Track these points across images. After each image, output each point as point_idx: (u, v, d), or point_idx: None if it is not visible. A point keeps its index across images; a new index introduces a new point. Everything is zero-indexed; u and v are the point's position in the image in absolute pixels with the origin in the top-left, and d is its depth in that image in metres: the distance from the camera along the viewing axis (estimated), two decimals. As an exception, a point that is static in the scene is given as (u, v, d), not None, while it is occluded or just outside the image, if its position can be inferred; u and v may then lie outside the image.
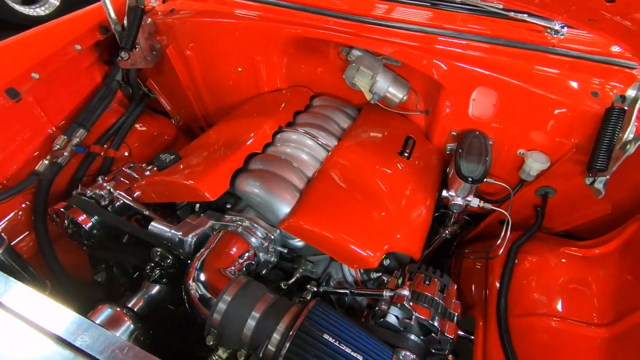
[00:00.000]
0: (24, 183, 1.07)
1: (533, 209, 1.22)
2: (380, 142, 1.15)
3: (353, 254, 0.82)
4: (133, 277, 1.21)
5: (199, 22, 1.38)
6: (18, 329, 0.57)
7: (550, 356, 0.82)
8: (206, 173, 0.93)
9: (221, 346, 0.71)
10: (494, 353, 0.91)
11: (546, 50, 1.08)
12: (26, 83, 1.10)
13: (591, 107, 0.99)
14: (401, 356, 0.70)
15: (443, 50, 1.09)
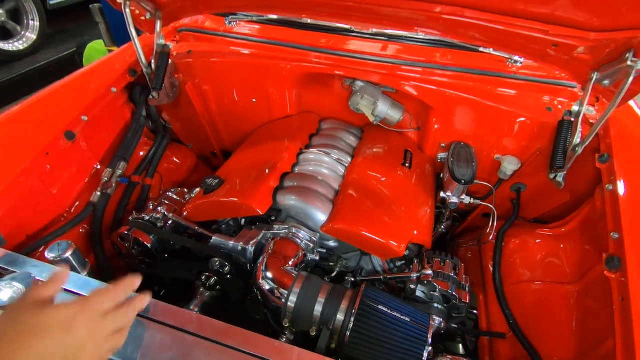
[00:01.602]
0: (83, 213, 1.21)
1: (510, 202, 1.50)
2: (386, 156, 1.39)
3: (384, 246, 1.04)
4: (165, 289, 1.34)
5: (216, 62, 1.58)
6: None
7: (538, 310, 1.07)
8: (254, 192, 1.13)
9: (295, 326, 0.91)
10: (495, 317, 1.16)
11: (509, 77, 1.38)
12: (79, 125, 1.25)
13: (547, 119, 1.29)
14: (432, 319, 0.92)
15: (432, 80, 1.36)
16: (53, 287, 0.59)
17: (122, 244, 1.18)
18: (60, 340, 0.51)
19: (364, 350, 0.84)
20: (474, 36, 1.15)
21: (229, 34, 1.64)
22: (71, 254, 0.95)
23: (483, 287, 1.28)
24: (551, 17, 0.97)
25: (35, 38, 3.85)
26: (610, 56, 1.02)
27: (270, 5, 1.36)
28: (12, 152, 1.08)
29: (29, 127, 1.16)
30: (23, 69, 3.61)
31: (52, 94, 1.27)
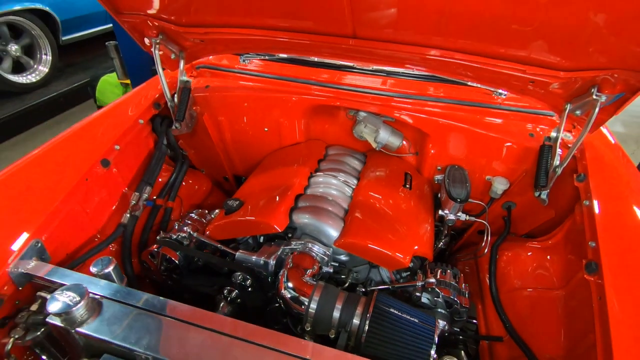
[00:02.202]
0: (115, 233, 1.33)
1: (502, 219, 1.64)
2: (389, 178, 1.54)
3: (391, 258, 1.17)
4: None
5: (231, 95, 1.75)
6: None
7: (531, 314, 1.19)
8: (273, 211, 1.26)
9: (316, 330, 1.01)
10: (493, 323, 1.28)
11: (495, 107, 1.56)
12: (112, 153, 1.38)
13: (530, 144, 1.45)
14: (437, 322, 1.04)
15: (427, 111, 1.54)
16: None
17: (152, 261, 1.29)
18: None
19: (378, 348, 0.95)
20: (463, 74, 1.33)
21: (242, 71, 1.82)
22: (112, 269, 1.06)
23: (481, 297, 1.40)
24: (528, 59, 1.15)
25: (47, 71, 4.05)
26: (579, 91, 1.20)
27: (281, 47, 1.55)
28: (56, 177, 1.21)
29: (70, 154, 1.29)
30: (35, 100, 3.77)
31: (89, 125, 1.42)
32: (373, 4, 1.11)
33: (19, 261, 1.02)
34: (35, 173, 1.21)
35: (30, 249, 1.05)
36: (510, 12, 0.99)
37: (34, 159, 1.25)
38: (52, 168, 1.24)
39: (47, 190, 1.17)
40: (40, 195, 1.15)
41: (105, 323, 0.90)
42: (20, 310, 1.02)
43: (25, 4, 3.67)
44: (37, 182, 1.18)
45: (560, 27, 0.99)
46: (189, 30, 1.42)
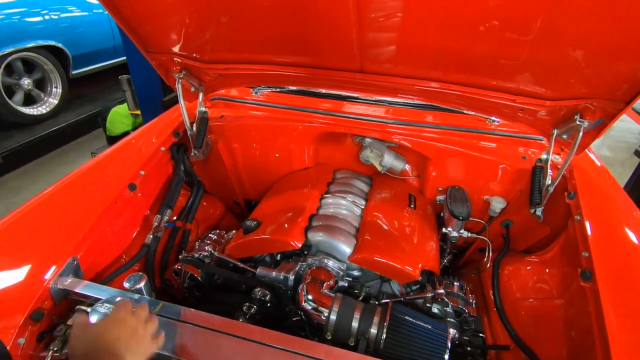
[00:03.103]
0: (140, 253, 1.40)
1: (501, 237, 1.74)
2: (394, 199, 1.65)
3: (402, 272, 1.26)
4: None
5: (245, 124, 1.88)
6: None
7: (534, 323, 1.27)
8: (290, 230, 1.35)
9: (336, 338, 1.09)
10: (499, 333, 1.35)
11: (489, 133, 1.70)
12: (138, 178, 1.48)
13: (523, 165, 1.58)
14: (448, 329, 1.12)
15: (427, 137, 1.68)
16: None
17: (175, 279, 1.36)
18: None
19: (396, 353, 1.02)
20: (459, 103, 1.48)
21: (255, 102, 1.97)
22: (144, 285, 1.13)
23: (486, 310, 1.48)
24: (517, 90, 1.30)
25: (57, 103, 4.19)
26: (564, 117, 1.34)
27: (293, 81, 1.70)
28: (90, 201, 1.30)
29: (101, 180, 1.39)
30: (44, 131, 3.89)
31: (117, 152, 1.53)
32: (380, 42, 1.27)
33: (58, 278, 1.09)
34: (69, 196, 1.31)
35: (68, 267, 1.13)
36: (500, 49, 1.15)
37: (70, 183, 1.35)
38: (86, 191, 1.33)
39: (82, 212, 1.26)
40: (76, 216, 1.24)
41: (142, 333, 0.97)
42: (57, 325, 1.08)
43: (39, 41, 3.86)
44: (72, 205, 1.27)
45: (544, 62, 1.14)
46: (210, 66, 1.57)
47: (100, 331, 0.84)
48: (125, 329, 0.85)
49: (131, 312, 0.90)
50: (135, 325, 0.87)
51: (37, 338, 1.02)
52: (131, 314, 0.90)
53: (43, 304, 1.05)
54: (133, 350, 0.82)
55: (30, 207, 1.25)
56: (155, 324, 0.93)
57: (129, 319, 0.88)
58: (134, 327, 0.87)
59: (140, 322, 0.88)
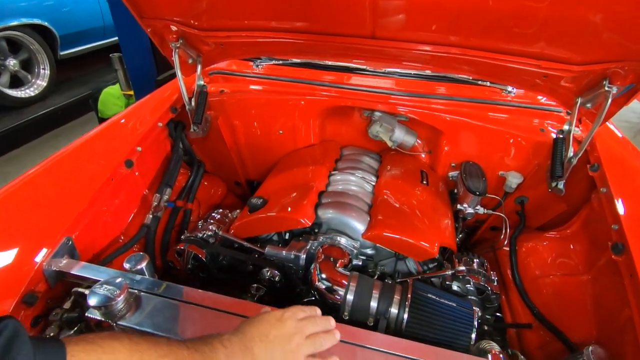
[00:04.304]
0: (139, 234, 1.32)
1: (516, 214, 1.68)
2: (406, 175, 1.57)
3: (420, 248, 1.18)
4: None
5: (246, 99, 1.78)
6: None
7: (557, 300, 1.21)
8: (299, 207, 1.27)
9: (353, 318, 1.02)
10: (519, 311, 1.29)
11: (505, 104, 1.62)
12: (135, 155, 1.38)
13: (542, 138, 1.51)
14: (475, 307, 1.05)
15: (441, 109, 1.59)
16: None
17: (178, 259, 1.28)
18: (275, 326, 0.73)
19: (419, 333, 0.95)
20: (477, 71, 1.39)
21: (256, 75, 1.86)
22: (145, 265, 1.05)
23: (504, 289, 1.42)
24: (541, 54, 1.21)
25: (45, 85, 4.03)
26: (590, 84, 1.26)
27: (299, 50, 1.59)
28: (86, 178, 1.20)
29: (96, 156, 1.29)
30: (32, 114, 3.74)
31: (112, 127, 1.42)
32: (393, 6, 1.17)
33: (52, 259, 1.00)
34: (62, 173, 1.21)
35: (62, 247, 1.04)
36: (523, 8, 1.05)
37: (61, 159, 1.25)
38: (79, 168, 1.24)
39: (76, 190, 1.16)
40: (69, 193, 1.14)
41: (146, 316, 0.89)
42: (52, 309, 1.00)
43: (24, 20, 3.67)
44: (66, 182, 1.18)
45: (572, 20, 1.05)
46: (210, 34, 1.45)
47: (252, 322, 0.73)
48: (278, 329, 0.71)
49: (296, 317, 0.76)
50: (292, 334, 0.72)
51: (31, 323, 0.94)
52: (295, 319, 0.75)
53: (36, 287, 0.96)
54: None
55: (18, 185, 1.15)
56: (319, 346, 0.75)
57: (289, 323, 0.73)
58: (290, 335, 0.72)
59: (299, 333, 0.73)
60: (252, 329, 0.71)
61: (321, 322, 0.79)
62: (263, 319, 0.74)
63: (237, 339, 0.69)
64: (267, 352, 0.68)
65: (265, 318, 0.74)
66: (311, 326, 0.76)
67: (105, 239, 1.25)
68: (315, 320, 0.79)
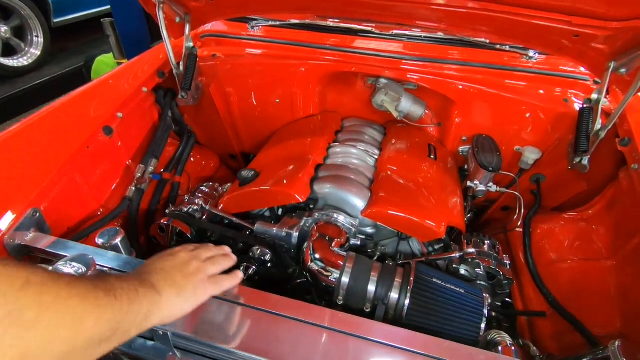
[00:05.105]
0: (120, 207, 1.22)
1: (530, 193, 1.54)
2: (412, 149, 1.43)
3: (425, 228, 1.07)
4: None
5: (240, 64, 1.63)
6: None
7: (575, 288, 1.10)
8: (294, 181, 1.15)
9: (349, 303, 0.92)
10: (532, 298, 1.19)
11: (526, 71, 1.45)
12: (115, 121, 1.27)
13: (565, 109, 1.36)
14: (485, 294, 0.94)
15: (453, 75, 1.43)
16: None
17: (161, 235, 1.19)
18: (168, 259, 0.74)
19: (422, 321, 0.85)
20: (496, 30, 1.22)
21: (251, 37, 1.70)
22: (120, 240, 0.95)
23: (515, 273, 1.31)
24: (573, 9, 1.04)
25: (39, 54, 3.88)
26: (628, 45, 1.09)
27: (296, 6, 1.43)
28: (56, 144, 1.09)
29: (70, 121, 1.18)
30: (27, 84, 3.62)
31: (89, 91, 1.30)
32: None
33: (15, 232, 0.91)
34: (31, 139, 1.09)
35: (28, 219, 0.94)
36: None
37: (30, 125, 1.13)
38: (50, 134, 1.12)
39: (46, 157, 1.05)
40: (37, 161, 1.03)
41: (115, 297, 0.80)
42: (18, 287, 0.91)
43: (14, -17, 3.49)
44: (34, 148, 1.07)
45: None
46: (198, -14, 1.30)
47: (145, 263, 0.72)
48: (173, 260, 0.72)
49: (188, 249, 0.78)
50: (187, 260, 0.74)
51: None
52: (187, 250, 0.78)
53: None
54: (176, 285, 0.67)
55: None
56: (219, 265, 0.78)
57: (182, 254, 0.76)
58: (185, 261, 0.74)
59: (195, 259, 0.75)
60: (145, 267, 0.70)
61: (214, 248, 0.84)
62: (153, 258, 0.73)
63: (131, 274, 0.68)
64: (168, 280, 0.67)
65: (156, 257, 0.74)
66: (205, 252, 0.79)
67: (83, 212, 1.16)
68: (208, 247, 0.82)
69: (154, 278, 0.65)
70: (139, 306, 0.59)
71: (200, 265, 0.74)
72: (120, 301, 0.55)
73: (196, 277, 0.71)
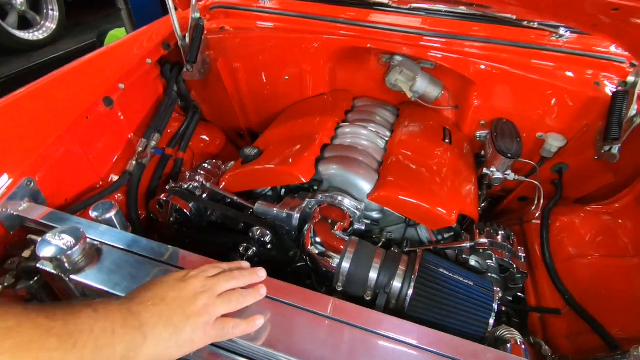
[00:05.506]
0: (120, 181, 1.19)
1: (550, 184, 1.45)
2: (426, 132, 1.35)
3: (435, 215, 1.00)
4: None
5: (249, 37, 1.56)
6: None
7: (595, 286, 1.02)
8: (297, 160, 1.09)
9: (349, 290, 0.87)
10: (546, 295, 1.11)
11: (555, 50, 1.33)
12: (116, 92, 1.22)
13: (596, 93, 1.24)
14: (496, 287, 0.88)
15: (475, 54, 1.33)
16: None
17: (160, 211, 1.15)
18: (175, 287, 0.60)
19: (425, 313, 0.80)
20: (528, 3, 1.12)
21: (262, 9, 1.62)
22: (114, 214, 0.92)
23: (529, 267, 1.23)
24: (613, -23, 0.93)
25: (55, 28, 3.87)
26: (674, 20, 0.98)
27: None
28: (54, 114, 1.06)
29: (69, 91, 1.14)
30: (41, 58, 3.63)
31: (91, 61, 1.25)
32: None
33: (8, 201, 0.88)
34: (28, 108, 1.06)
35: (21, 189, 0.91)
36: None
37: (28, 94, 1.10)
38: (48, 103, 1.09)
39: (42, 126, 1.02)
40: (33, 130, 1.00)
41: (104, 272, 0.77)
42: (11, 257, 0.90)
43: (29, -45, 3.46)
44: (31, 117, 1.03)
45: None
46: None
47: (147, 284, 0.60)
48: (180, 290, 0.59)
49: (206, 275, 0.64)
50: (197, 293, 0.60)
51: (-16, 269, 0.84)
52: (203, 277, 0.63)
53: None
54: (171, 325, 0.55)
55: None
56: (236, 303, 0.63)
57: (194, 282, 0.61)
58: (194, 294, 0.60)
59: (208, 292, 0.61)
60: (145, 292, 0.58)
61: (241, 276, 0.67)
62: (161, 280, 0.61)
63: (119, 303, 0.55)
64: (163, 318, 0.55)
65: (164, 280, 0.61)
66: (225, 282, 0.64)
67: (81, 185, 1.13)
68: (233, 275, 0.66)
69: (146, 313, 0.54)
70: (111, 352, 0.48)
71: (210, 302, 0.60)
72: (80, 350, 0.46)
73: (199, 319, 0.57)
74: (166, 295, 0.57)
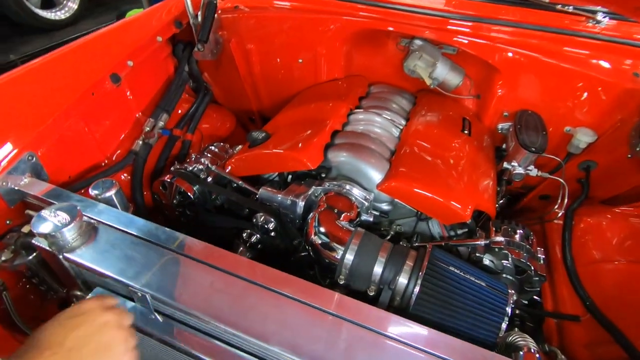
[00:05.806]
0: (125, 160, 1.17)
1: (576, 182, 1.35)
2: (444, 121, 1.27)
3: (448, 209, 0.94)
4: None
5: (263, 17, 1.49)
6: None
7: (620, 293, 0.95)
8: (305, 146, 1.04)
9: (351, 284, 0.82)
10: (565, 300, 1.04)
11: (590, 36, 1.23)
12: (124, 69, 1.20)
13: (633, 85, 1.14)
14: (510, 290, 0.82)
15: (501, 39, 1.23)
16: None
17: (163, 192, 1.13)
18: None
19: (431, 313, 0.75)
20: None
21: (277, -11, 1.56)
22: (114, 193, 0.90)
23: (548, 270, 1.16)
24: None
25: (76, 8, 3.90)
26: None
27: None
28: (59, 89, 1.04)
29: (76, 66, 1.11)
30: (63, 38, 3.66)
31: (100, 37, 1.22)
32: None
33: (9, 175, 0.87)
34: (33, 83, 1.04)
35: (23, 163, 0.90)
36: None
37: (33, 69, 1.07)
38: (54, 78, 1.06)
39: (46, 100, 1.00)
40: (37, 105, 0.98)
41: (98, 251, 0.74)
42: (11, 231, 0.89)
43: None
44: (35, 92, 1.01)
45: None
46: None
47: (41, 330, 0.54)
48: (78, 329, 0.55)
49: (104, 307, 0.61)
50: (102, 324, 0.58)
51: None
52: (105, 309, 0.60)
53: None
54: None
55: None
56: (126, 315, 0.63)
57: (94, 313, 0.58)
58: (99, 325, 0.57)
59: (109, 313, 0.60)
60: (44, 339, 0.53)
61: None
62: (55, 321, 0.56)
63: (20, 354, 0.50)
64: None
65: (57, 320, 0.56)
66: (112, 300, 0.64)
67: (85, 162, 1.11)
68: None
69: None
70: None
71: (116, 335, 0.58)
72: None
73: (115, 350, 0.57)
74: (64, 339, 0.53)
